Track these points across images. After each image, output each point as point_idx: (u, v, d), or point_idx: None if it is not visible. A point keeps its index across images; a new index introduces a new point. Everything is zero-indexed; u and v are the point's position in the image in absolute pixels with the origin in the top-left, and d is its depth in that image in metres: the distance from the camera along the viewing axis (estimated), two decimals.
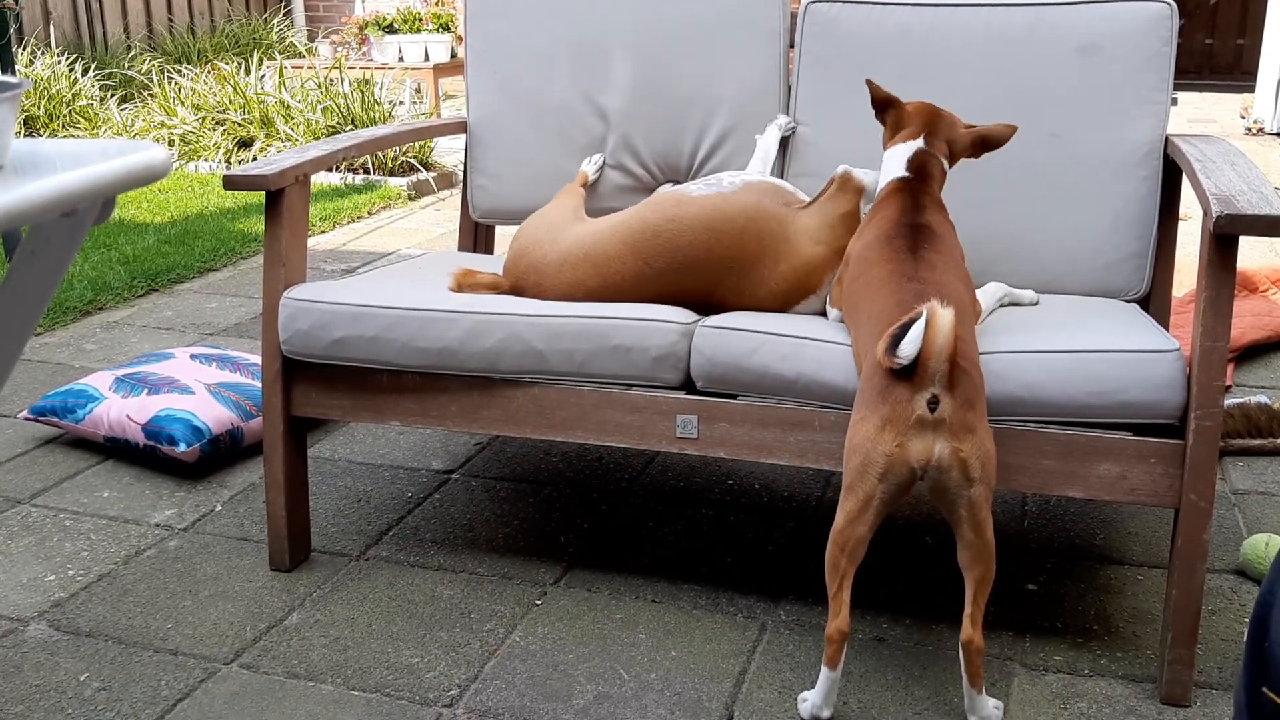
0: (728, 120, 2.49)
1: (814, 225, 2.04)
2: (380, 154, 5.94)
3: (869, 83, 2.07)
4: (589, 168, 2.54)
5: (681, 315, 1.99)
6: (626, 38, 2.55)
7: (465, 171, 2.69)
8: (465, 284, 2.18)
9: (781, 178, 2.47)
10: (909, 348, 1.60)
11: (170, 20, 8.94)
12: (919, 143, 2.03)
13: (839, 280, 1.99)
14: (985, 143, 2.03)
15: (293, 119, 6.04)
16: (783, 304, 2.04)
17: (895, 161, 2.02)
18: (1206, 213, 1.73)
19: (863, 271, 1.89)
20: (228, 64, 6.95)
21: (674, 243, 2.03)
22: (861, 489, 1.65)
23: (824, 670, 1.71)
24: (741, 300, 2.05)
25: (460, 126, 2.70)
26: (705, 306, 2.06)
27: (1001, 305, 2.08)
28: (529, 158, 2.61)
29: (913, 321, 1.61)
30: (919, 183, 2.00)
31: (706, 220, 2.03)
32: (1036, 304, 2.13)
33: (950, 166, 2.04)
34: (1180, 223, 2.34)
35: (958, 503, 1.64)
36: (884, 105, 2.08)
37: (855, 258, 1.94)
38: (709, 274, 2.04)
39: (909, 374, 1.62)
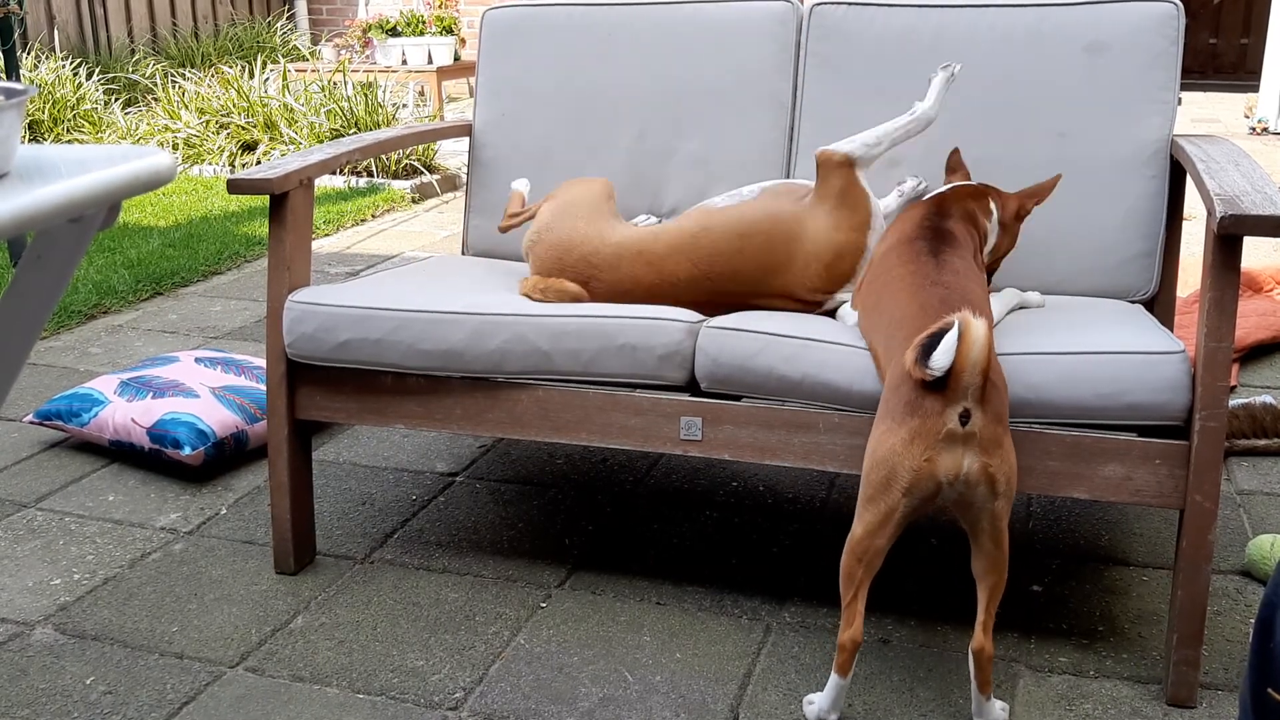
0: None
1: (823, 215, 2.04)
2: (384, 157, 5.95)
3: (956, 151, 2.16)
4: (521, 187, 2.41)
5: (686, 314, 1.99)
6: (634, 98, 2.53)
7: (467, 190, 2.68)
8: (538, 288, 2.13)
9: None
10: (942, 359, 1.54)
11: (174, 24, 8.95)
12: (972, 182, 2.07)
13: (858, 283, 1.98)
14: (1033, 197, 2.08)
15: (296, 122, 6.05)
16: (826, 296, 2.04)
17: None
18: (1210, 213, 1.72)
19: (883, 273, 1.87)
20: (231, 68, 6.96)
21: (713, 249, 2.05)
22: (884, 502, 1.61)
23: (833, 677, 1.70)
24: (789, 302, 2.05)
25: (464, 129, 2.70)
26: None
27: (1009, 311, 2.08)
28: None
29: (943, 331, 1.57)
30: (949, 194, 2.01)
31: (734, 228, 2.05)
32: (1042, 306, 2.13)
33: (1001, 218, 2.05)
34: (1184, 223, 2.34)
35: (981, 516, 1.62)
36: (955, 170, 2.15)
37: (877, 260, 1.93)
38: (751, 278, 2.04)
39: (940, 386, 1.57)
